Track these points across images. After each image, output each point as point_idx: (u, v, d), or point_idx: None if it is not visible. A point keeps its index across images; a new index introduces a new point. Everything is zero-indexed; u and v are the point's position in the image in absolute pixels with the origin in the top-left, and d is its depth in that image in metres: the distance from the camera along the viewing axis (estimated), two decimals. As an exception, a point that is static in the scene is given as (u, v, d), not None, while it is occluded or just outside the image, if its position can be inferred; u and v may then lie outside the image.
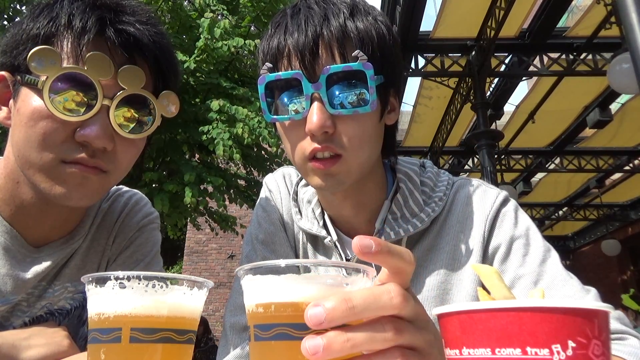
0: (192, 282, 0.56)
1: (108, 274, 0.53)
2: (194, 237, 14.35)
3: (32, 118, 0.80)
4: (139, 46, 0.85)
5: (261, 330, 0.49)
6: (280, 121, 0.86)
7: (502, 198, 0.97)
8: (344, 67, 0.79)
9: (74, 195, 0.84)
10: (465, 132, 7.87)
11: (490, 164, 5.68)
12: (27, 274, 0.92)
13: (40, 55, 0.78)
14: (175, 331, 0.53)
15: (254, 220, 1.09)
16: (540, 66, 5.98)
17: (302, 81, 0.80)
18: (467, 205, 0.97)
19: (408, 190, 0.96)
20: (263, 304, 0.49)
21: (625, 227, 11.37)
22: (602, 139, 7.88)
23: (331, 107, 0.80)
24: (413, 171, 0.99)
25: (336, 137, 0.82)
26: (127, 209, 1.10)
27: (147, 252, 1.10)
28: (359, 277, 0.51)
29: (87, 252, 1.03)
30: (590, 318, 0.41)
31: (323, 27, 0.81)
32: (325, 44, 0.81)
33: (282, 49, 0.83)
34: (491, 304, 0.43)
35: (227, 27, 5.88)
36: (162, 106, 0.90)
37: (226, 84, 6.32)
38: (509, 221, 0.94)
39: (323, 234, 0.97)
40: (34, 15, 0.84)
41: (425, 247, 0.95)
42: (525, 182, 9.30)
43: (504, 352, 0.41)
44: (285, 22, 0.84)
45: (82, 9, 0.82)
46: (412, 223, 0.94)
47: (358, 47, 0.81)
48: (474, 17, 5.52)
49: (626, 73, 4.41)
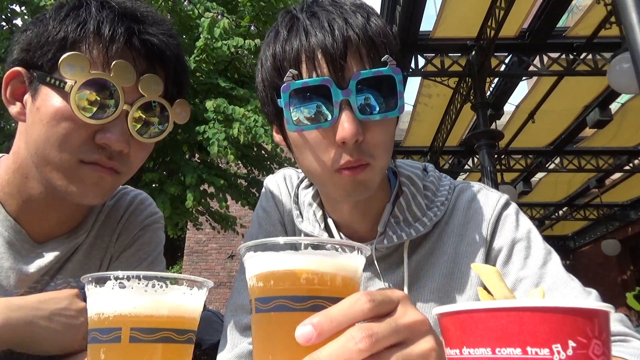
0: (192, 281, 0.56)
1: (108, 274, 0.53)
2: (194, 237, 14.35)
3: (54, 118, 0.83)
4: (162, 57, 0.90)
5: (261, 302, 0.52)
6: (307, 131, 0.81)
7: (504, 201, 0.97)
8: (374, 72, 0.77)
9: (89, 194, 0.88)
10: (465, 132, 7.87)
11: (490, 164, 5.68)
12: (30, 268, 0.94)
13: (71, 61, 0.81)
14: (175, 331, 0.53)
15: (254, 222, 1.09)
16: (540, 66, 5.98)
17: (331, 87, 0.76)
18: (469, 210, 0.96)
19: (411, 194, 0.95)
20: (263, 276, 0.52)
21: (625, 227, 11.37)
22: (602, 139, 7.88)
23: (361, 113, 0.77)
24: (416, 175, 0.98)
25: (364, 145, 0.80)
26: (132, 207, 1.12)
27: (150, 251, 1.11)
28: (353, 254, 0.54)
29: (90, 248, 1.05)
30: (591, 318, 0.41)
31: (349, 29, 0.78)
32: (353, 47, 0.78)
33: (307, 52, 0.79)
34: (491, 304, 0.43)
35: (227, 27, 5.88)
36: (176, 113, 0.94)
37: (225, 84, 6.33)
38: (511, 224, 0.94)
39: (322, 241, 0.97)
40: (60, 17, 0.86)
41: (426, 250, 0.95)
42: (525, 182, 9.29)
43: (504, 352, 0.41)
44: (304, 25, 0.80)
45: (111, 18, 0.85)
46: (414, 227, 0.93)
47: (384, 51, 0.79)
48: (474, 17, 5.52)
49: (626, 73, 4.41)
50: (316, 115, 0.79)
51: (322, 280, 0.51)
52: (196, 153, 6.93)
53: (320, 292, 0.51)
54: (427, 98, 7.17)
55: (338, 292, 0.51)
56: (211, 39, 5.89)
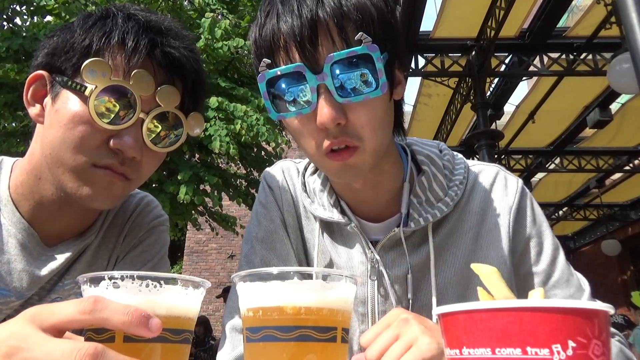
0: (187, 281, 0.56)
1: (102, 274, 0.53)
2: (194, 237, 14.35)
3: (72, 121, 0.85)
4: (181, 69, 0.92)
5: (251, 332, 0.55)
6: (288, 118, 0.82)
7: (522, 188, 1.00)
8: (348, 52, 0.74)
9: (99, 197, 0.89)
10: (465, 132, 7.87)
11: (490, 164, 5.67)
12: (41, 271, 0.95)
13: (94, 67, 0.84)
14: (170, 331, 0.53)
15: (253, 218, 1.06)
16: (540, 66, 5.97)
17: (305, 73, 0.75)
18: (490, 192, 0.98)
19: (432, 174, 0.95)
20: (252, 308, 0.55)
21: (626, 227, 11.36)
22: (602, 139, 7.87)
23: (340, 96, 0.76)
24: (435, 154, 0.98)
25: (349, 127, 0.79)
26: (138, 209, 1.14)
27: (155, 252, 1.12)
28: (341, 283, 0.56)
29: (98, 249, 1.06)
30: (591, 318, 0.41)
31: (318, 10, 0.75)
32: (324, 28, 0.75)
33: (277, 39, 0.78)
34: (491, 304, 0.43)
35: (227, 27, 5.88)
36: (190, 126, 0.95)
37: (226, 84, 6.33)
38: (530, 217, 0.97)
39: (344, 221, 0.94)
40: (87, 26, 0.89)
41: (447, 230, 0.95)
42: (525, 182, 9.27)
43: (504, 352, 0.41)
44: (277, 9, 0.78)
45: (136, 29, 0.88)
46: (438, 207, 0.93)
47: (360, 28, 0.76)
48: (474, 17, 5.52)
49: (626, 73, 4.41)
50: (295, 102, 0.78)
51: (308, 311, 0.53)
52: (196, 153, 6.93)
53: (307, 322, 0.53)
54: (427, 98, 7.17)
55: (325, 321, 0.54)
56: (212, 39, 5.90)
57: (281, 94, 0.79)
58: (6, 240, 0.93)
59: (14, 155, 1.06)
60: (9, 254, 0.93)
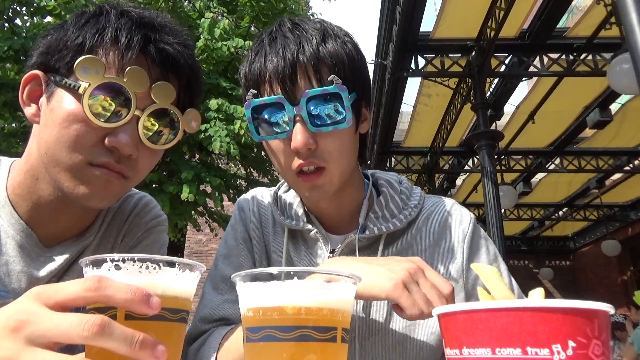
0: (184, 264, 0.59)
1: (104, 256, 0.55)
2: (194, 237, 14.35)
3: (66, 119, 0.84)
4: (175, 65, 0.92)
5: (251, 332, 0.56)
6: (267, 140, 0.96)
7: (474, 219, 1.12)
8: (321, 90, 0.88)
9: (96, 196, 0.88)
10: (465, 133, 7.86)
11: (490, 165, 5.67)
12: (40, 272, 0.95)
13: (87, 64, 0.83)
14: (168, 310, 0.56)
15: (222, 240, 1.18)
16: (540, 66, 5.97)
17: (284, 104, 0.89)
18: (447, 218, 1.10)
19: (389, 195, 1.09)
20: (252, 308, 0.56)
21: (626, 227, 11.36)
22: (602, 140, 7.87)
23: (312, 125, 0.89)
24: (394, 180, 1.14)
25: (318, 152, 0.92)
26: (137, 209, 1.14)
27: (154, 252, 1.13)
28: (341, 283, 0.58)
29: (96, 249, 1.06)
30: (590, 318, 0.41)
31: (299, 54, 0.90)
32: (302, 69, 0.90)
33: (264, 75, 0.92)
34: (491, 304, 0.43)
35: (227, 27, 5.89)
36: (186, 122, 0.95)
37: (226, 84, 6.34)
38: (484, 246, 1.09)
39: (308, 228, 1.06)
40: (80, 24, 0.89)
41: (403, 245, 1.06)
42: (525, 183, 9.28)
43: (504, 352, 0.41)
44: (265, 50, 0.94)
45: (129, 26, 0.88)
46: (392, 222, 1.05)
47: (333, 71, 0.90)
48: (474, 18, 5.52)
49: (626, 73, 4.41)
50: (274, 127, 0.93)
51: (308, 311, 0.54)
52: (196, 153, 6.94)
53: (307, 322, 0.54)
54: (427, 98, 7.16)
55: (325, 321, 0.54)
56: (211, 39, 5.90)
57: (263, 120, 0.93)
58: (4, 242, 0.93)
59: (13, 155, 1.06)
60: (8, 255, 0.93)
